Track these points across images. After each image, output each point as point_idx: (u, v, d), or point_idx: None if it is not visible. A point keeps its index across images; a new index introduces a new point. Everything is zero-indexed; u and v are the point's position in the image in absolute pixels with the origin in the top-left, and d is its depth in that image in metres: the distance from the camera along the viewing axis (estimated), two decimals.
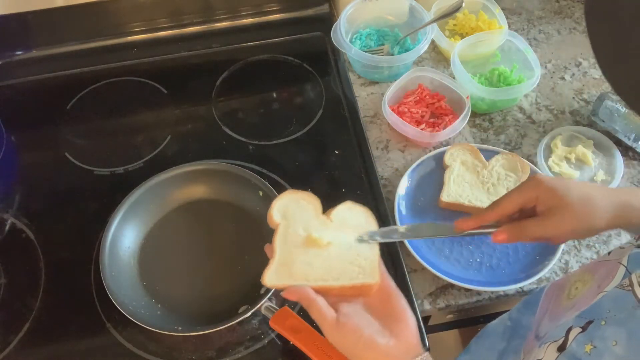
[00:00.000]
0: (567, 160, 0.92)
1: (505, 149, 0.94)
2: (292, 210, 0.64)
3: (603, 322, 0.49)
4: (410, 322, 0.58)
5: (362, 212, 0.66)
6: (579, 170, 0.91)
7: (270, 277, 0.59)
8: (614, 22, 0.39)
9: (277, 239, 0.61)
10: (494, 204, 0.65)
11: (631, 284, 0.49)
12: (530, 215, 0.64)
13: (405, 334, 0.57)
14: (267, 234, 0.83)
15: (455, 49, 0.97)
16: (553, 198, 0.61)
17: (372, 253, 0.63)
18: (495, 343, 0.71)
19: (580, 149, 0.92)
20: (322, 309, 0.57)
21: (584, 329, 0.50)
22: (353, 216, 0.65)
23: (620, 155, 0.91)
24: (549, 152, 0.93)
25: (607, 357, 0.47)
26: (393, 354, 0.55)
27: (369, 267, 0.61)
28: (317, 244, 0.61)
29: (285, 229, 0.62)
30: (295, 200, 0.64)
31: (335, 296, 0.60)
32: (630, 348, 0.46)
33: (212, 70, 1.08)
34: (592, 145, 0.93)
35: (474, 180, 0.88)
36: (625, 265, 0.52)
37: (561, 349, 0.51)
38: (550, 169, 0.90)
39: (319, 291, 0.59)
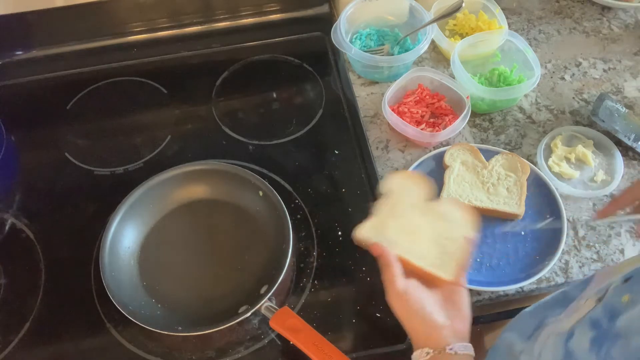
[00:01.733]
0: (567, 160, 0.92)
1: (505, 149, 0.94)
2: (406, 186, 0.71)
3: None
4: (466, 315, 0.64)
5: (467, 213, 0.70)
6: (579, 170, 0.91)
7: (364, 231, 0.68)
8: None
9: (384, 204, 0.69)
10: (624, 191, 0.69)
11: None
12: None
13: (459, 321, 0.63)
14: (267, 234, 0.84)
15: (455, 49, 0.97)
16: None
17: (459, 254, 0.67)
18: (540, 310, 0.72)
19: (580, 149, 0.92)
20: (396, 274, 0.64)
21: (624, 282, 0.51)
22: (457, 213, 0.70)
23: (621, 155, 0.91)
24: (549, 152, 0.93)
25: None
26: (443, 332, 0.61)
27: (449, 264, 0.66)
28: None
29: (395, 199, 0.70)
30: (411, 179, 0.72)
31: (412, 273, 0.65)
32: None
33: (212, 70, 1.08)
34: (592, 145, 0.93)
35: (474, 180, 0.88)
36: None
37: (599, 300, 0.52)
38: (550, 168, 0.90)
39: (400, 261, 0.65)
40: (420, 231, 0.68)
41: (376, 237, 0.67)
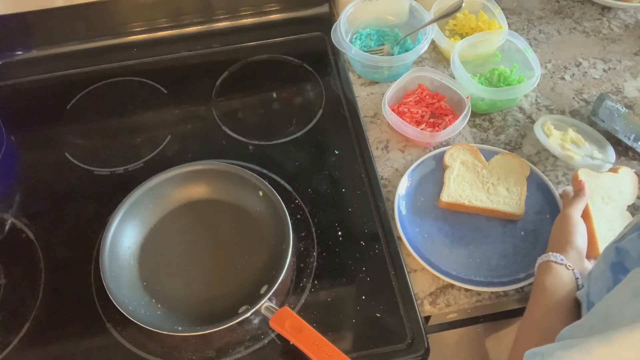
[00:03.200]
0: (563, 143, 0.93)
1: (505, 149, 0.94)
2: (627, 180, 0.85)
3: None
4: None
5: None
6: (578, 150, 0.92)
7: (582, 173, 0.82)
8: None
9: (609, 174, 0.84)
10: None
11: None
12: None
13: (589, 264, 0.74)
14: (267, 234, 0.84)
15: (455, 49, 0.97)
16: None
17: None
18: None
19: (571, 132, 0.93)
20: (579, 205, 0.77)
21: None
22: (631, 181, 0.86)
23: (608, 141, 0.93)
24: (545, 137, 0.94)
25: None
26: (576, 256, 0.72)
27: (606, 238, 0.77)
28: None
29: (617, 178, 0.84)
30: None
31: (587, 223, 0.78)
32: None
33: (212, 70, 1.08)
34: (576, 129, 0.95)
35: (474, 180, 0.88)
36: None
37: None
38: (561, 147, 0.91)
39: (585, 212, 0.78)
40: (616, 201, 0.81)
41: (586, 180, 0.80)
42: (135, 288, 0.80)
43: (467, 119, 0.92)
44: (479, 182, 0.88)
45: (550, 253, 0.72)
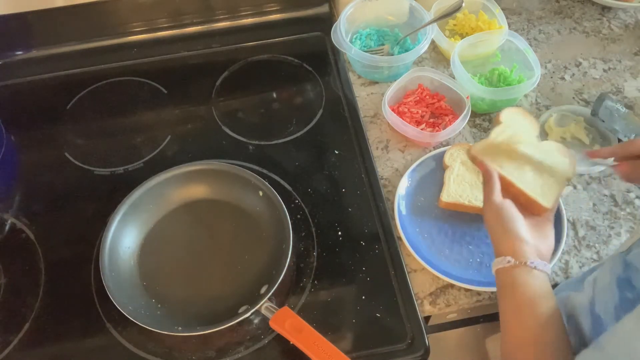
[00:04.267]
0: (563, 139, 0.94)
1: None
2: (517, 120, 0.78)
3: None
4: (550, 244, 0.69)
5: (568, 158, 0.76)
6: (574, 148, 0.93)
7: (478, 149, 0.74)
8: None
9: (496, 130, 0.76)
10: (623, 144, 0.71)
11: None
12: None
13: (542, 245, 0.67)
14: (267, 234, 0.84)
15: (455, 49, 0.97)
16: None
17: (557, 188, 0.73)
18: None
19: (573, 127, 0.94)
20: (494, 188, 0.70)
21: None
22: (559, 157, 0.76)
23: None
24: (544, 135, 0.94)
25: None
26: (527, 248, 0.65)
27: (547, 194, 0.71)
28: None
29: (505, 128, 0.76)
30: (522, 115, 0.78)
31: (512, 195, 0.71)
32: None
33: (212, 70, 1.08)
34: (583, 122, 0.95)
35: (474, 180, 0.88)
36: None
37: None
38: None
39: (503, 182, 0.71)
40: (526, 161, 0.74)
41: (486, 156, 0.73)
42: (135, 288, 0.80)
43: (467, 119, 0.92)
44: (479, 182, 0.88)
45: (504, 258, 0.65)
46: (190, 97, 1.05)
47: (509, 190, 0.71)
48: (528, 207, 0.71)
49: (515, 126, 0.77)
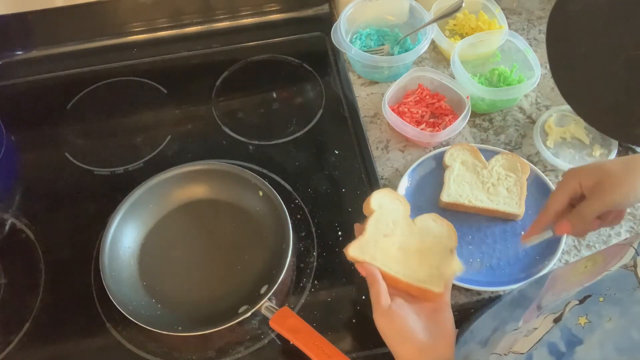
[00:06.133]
0: (563, 140, 0.93)
1: (505, 149, 0.94)
2: (387, 204, 0.73)
3: (601, 299, 0.49)
4: (450, 334, 0.64)
5: (445, 226, 0.73)
6: (574, 148, 0.93)
7: (355, 250, 0.68)
8: (566, 42, 0.57)
9: (370, 222, 0.71)
10: (544, 208, 0.67)
11: (635, 265, 0.49)
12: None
13: (442, 342, 0.62)
14: (267, 234, 0.84)
15: (455, 49, 0.97)
16: (594, 173, 0.63)
17: (447, 268, 0.69)
18: (500, 311, 0.72)
19: (573, 127, 0.94)
20: (381, 292, 0.64)
21: (581, 302, 0.51)
22: (436, 228, 0.73)
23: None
24: (545, 135, 0.94)
25: (598, 334, 0.47)
26: (425, 352, 0.61)
27: (437, 278, 0.68)
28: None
29: (379, 217, 0.71)
30: (390, 197, 0.74)
31: (401, 290, 0.67)
32: (619, 326, 0.46)
33: (212, 70, 1.08)
34: (583, 121, 0.94)
35: (474, 180, 0.88)
36: (635, 247, 0.52)
37: (557, 320, 0.52)
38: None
39: (389, 279, 0.67)
40: (405, 247, 0.71)
41: (364, 255, 0.68)
42: (135, 288, 0.80)
43: (467, 119, 0.92)
44: (479, 182, 0.88)
45: None
46: (190, 97, 1.05)
47: (397, 286, 0.68)
48: (421, 296, 0.67)
49: (386, 212, 0.72)
